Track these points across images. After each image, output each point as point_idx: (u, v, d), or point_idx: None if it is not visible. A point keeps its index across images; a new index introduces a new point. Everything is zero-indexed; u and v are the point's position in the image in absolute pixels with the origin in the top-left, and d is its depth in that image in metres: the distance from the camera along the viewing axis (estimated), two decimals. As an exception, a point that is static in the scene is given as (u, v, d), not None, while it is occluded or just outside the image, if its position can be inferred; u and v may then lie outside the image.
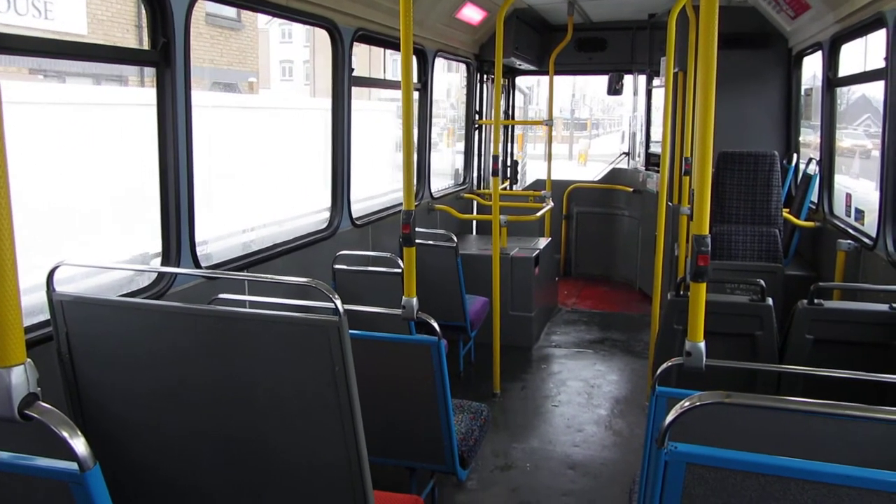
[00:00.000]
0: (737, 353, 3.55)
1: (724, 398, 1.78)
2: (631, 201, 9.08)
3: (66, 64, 13.10)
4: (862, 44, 5.50)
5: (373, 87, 8.01)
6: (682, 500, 1.75)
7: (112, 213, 6.59)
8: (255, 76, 20.97)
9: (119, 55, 3.81)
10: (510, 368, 6.12)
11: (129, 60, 4.47)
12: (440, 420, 3.28)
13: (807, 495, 1.65)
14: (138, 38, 15.59)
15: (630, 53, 8.81)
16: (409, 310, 3.32)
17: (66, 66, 13.40)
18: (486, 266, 5.88)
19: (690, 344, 2.43)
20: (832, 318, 3.51)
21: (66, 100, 7.15)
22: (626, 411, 5.46)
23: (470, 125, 8.70)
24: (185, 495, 2.55)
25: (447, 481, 4.30)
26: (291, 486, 2.39)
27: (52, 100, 6.79)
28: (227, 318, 2.30)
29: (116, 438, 2.51)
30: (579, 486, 4.38)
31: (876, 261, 4.65)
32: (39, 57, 3.06)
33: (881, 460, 2.06)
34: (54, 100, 6.88)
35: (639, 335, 7.19)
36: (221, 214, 6.95)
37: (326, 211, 5.47)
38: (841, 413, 1.88)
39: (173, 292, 3.58)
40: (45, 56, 3.10)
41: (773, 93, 7.20)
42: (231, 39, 19.84)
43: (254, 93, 19.91)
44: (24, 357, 1.42)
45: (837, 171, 6.35)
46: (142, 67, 9.78)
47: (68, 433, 1.44)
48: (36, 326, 2.86)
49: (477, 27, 7.74)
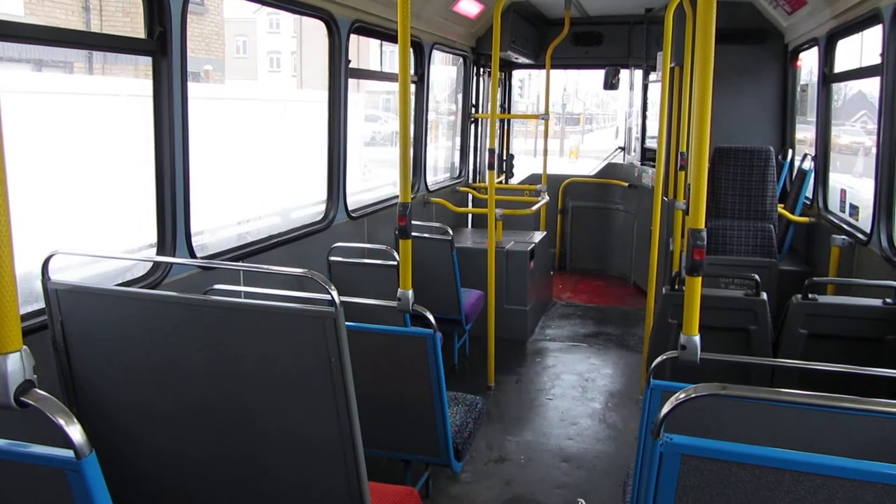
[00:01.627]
0: (731, 348, 3.57)
1: (720, 390, 1.79)
2: (626, 196, 9.10)
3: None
4: (858, 40, 5.51)
5: (370, 80, 7.98)
6: (677, 492, 1.76)
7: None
8: (210, 64, 20.03)
9: (114, 44, 3.78)
10: (505, 362, 6.13)
11: (125, 49, 4.44)
12: (435, 412, 3.28)
13: (800, 487, 1.66)
14: (85, 21, 14.98)
15: (627, 48, 8.81)
16: (405, 302, 3.32)
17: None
18: (482, 259, 5.89)
19: (685, 337, 2.44)
20: (826, 313, 3.53)
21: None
22: (619, 405, 5.48)
23: (466, 119, 8.69)
24: (180, 483, 2.55)
25: (441, 473, 4.31)
26: (287, 476, 2.39)
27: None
28: (222, 308, 2.29)
29: (111, 427, 2.51)
30: (573, 478, 4.40)
31: (870, 256, 4.67)
32: (32, 44, 3.01)
33: (873, 452, 2.07)
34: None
35: (633, 329, 7.21)
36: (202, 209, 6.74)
37: (311, 206, 5.45)
38: (834, 406, 1.90)
39: (168, 282, 3.57)
40: (38, 43, 3.07)
41: (769, 88, 7.21)
42: (192, 24, 18.82)
43: (210, 82, 18.72)
44: (21, 344, 1.42)
45: (837, 169, 6.37)
46: (90, 54, 9.42)
47: (64, 420, 1.44)
48: (31, 315, 2.85)
49: (474, 20, 7.72)
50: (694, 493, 1.75)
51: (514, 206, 7.45)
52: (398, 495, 2.91)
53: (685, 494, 1.76)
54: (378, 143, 22.04)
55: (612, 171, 9.50)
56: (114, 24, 15.25)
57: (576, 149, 28.98)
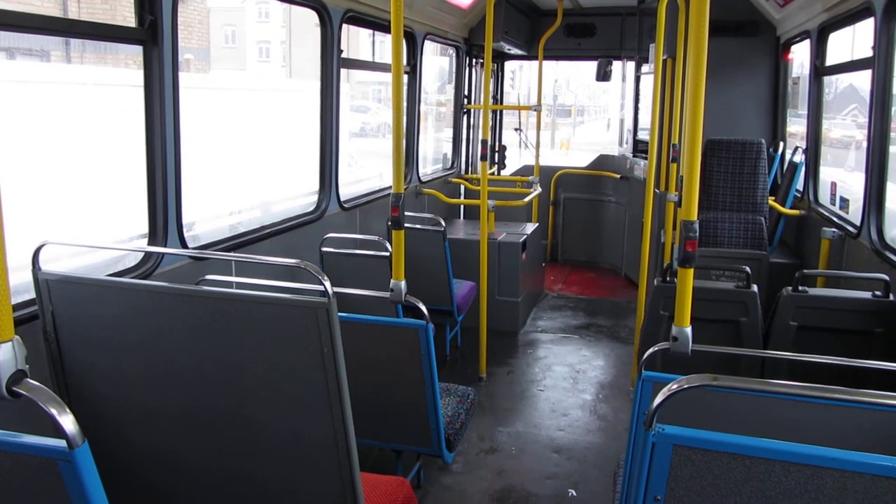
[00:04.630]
0: (722, 339, 3.59)
1: (712, 381, 1.80)
2: (618, 188, 9.11)
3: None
4: (850, 33, 5.52)
5: (361, 70, 7.94)
6: (669, 482, 1.77)
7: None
8: (191, 53, 19.38)
9: (104, 32, 3.74)
10: (496, 353, 6.15)
11: (115, 38, 4.39)
12: (427, 403, 3.29)
13: (791, 477, 1.67)
14: (63, 8, 14.57)
15: (619, 40, 8.80)
16: (398, 293, 3.32)
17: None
18: (474, 251, 5.89)
19: (677, 329, 2.45)
20: (816, 305, 3.55)
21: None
22: (610, 396, 5.51)
23: (458, 109, 8.67)
24: (172, 475, 2.55)
25: (433, 464, 4.33)
26: (279, 467, 2.39)
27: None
28: (214, 298, 2.28)
29: (102, 417, 2.50)
30: (564, 469, 4.42)
31: (860, 249, 4.69)
32: (19, 32, 2.97)
33: (863, 443, 2.09)
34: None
35: (624, 321, 7.23)
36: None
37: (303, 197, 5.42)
38: (824, 397, 1.91)
39: (160, 273, 3.55)
40: (25, 31, 3.03)
41: (760, 81, 7.22)
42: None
43: (190, 71, 18.56)
44: (13, 334, 1.41)
45: (828, 163, 6.40)
46: (66, 42, 9.21)
47: (57, 410, 1.43)
48: (21, 305, 2.83)
49: (466, 10, 7.69)
50: (685, 484, 1.76)
51: (507, 198, 7.45)
52: (390, 486, 2.92)
53: (676, 485, 1.77)
54: (369, 134, 21.90)
55: (604, 162, 9.52)
56: (92, 11, 14.93)
57: (567, 141, 28.98)
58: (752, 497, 1.72)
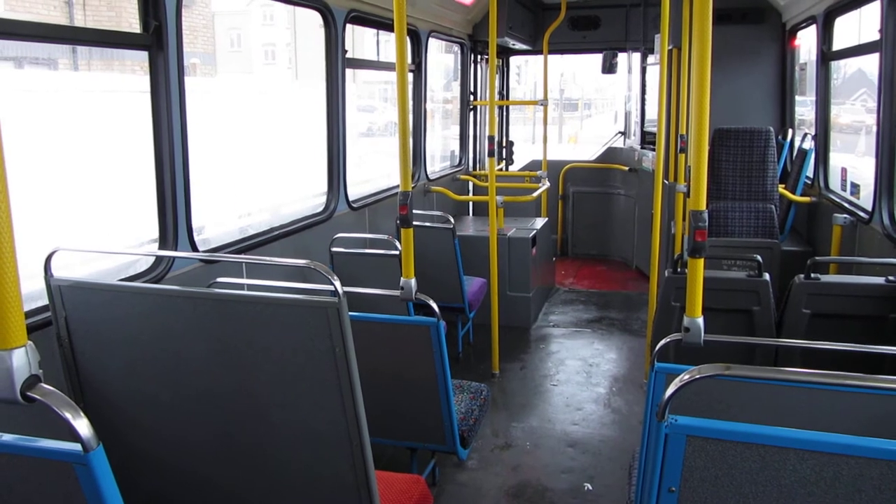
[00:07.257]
0: (734, 329, 3.57)
1: (724, 371, 1.79)
2: (627, 180, 9.08)
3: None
4: (856, 17, 5.48)
5: (367, 69, 7.95)
6: (683, 472, 1.76)
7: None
8: (197, 58, 19.81)
9: (109, 39, 3.75)
10: (509, 348, 6.14)
11: (120, 44, 4.41)
12: (440, 400, 3.29)
13: (805, 465, 1.66)
14: (69, 16, 14.71)
15: (624, 31, 8.76)
16: (408, 291, 3.32)
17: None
18: (484, 247, 5.88)
19: (689, 319, 2.44)
20: (829, 293, 3.53)
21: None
22: (624, 389, 5.49)
23: (464, 106, 8.66)
24: (186, 476, 2.56)
25: (448, 461, 4.33)
26: (294, 466, 2.40)
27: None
28: (226, 300, 2.29)
29: (117, 421, 2.52)
30: (579, 463, 4.41)
31: (872, 234, 4.66)
32: (25, 41, 2.99)
33: (878, 430, 2.08)
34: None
35: (636, 313, 7.21)
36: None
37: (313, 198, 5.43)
38: (838, 384, 1.90)
39: (171, 276, 3.57)
40: (31, 40, 3.05)
41: (767, 68, 7.18)
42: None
43: (196, 75, 18.56)
44: (25, 339, 1.42)
45: (838, 148, 6.35)
46: (73, 50, 9.29)
47: (71, 414, 1.44)
48: (34, 312, 2.85)
49: (470, 7, 7.68)
50: (699, 474, 1.76)
51: (515, 193, 7.44)
52: (405, 483, 2.92)
53: (691, 475, 1.76)
54: (376, 133, 21.90)
55: (612, 155, 9.49)
56: (98, 18, 15.03)
57: (575, 135, 28.87)
58: (767, 486, 1.71)
